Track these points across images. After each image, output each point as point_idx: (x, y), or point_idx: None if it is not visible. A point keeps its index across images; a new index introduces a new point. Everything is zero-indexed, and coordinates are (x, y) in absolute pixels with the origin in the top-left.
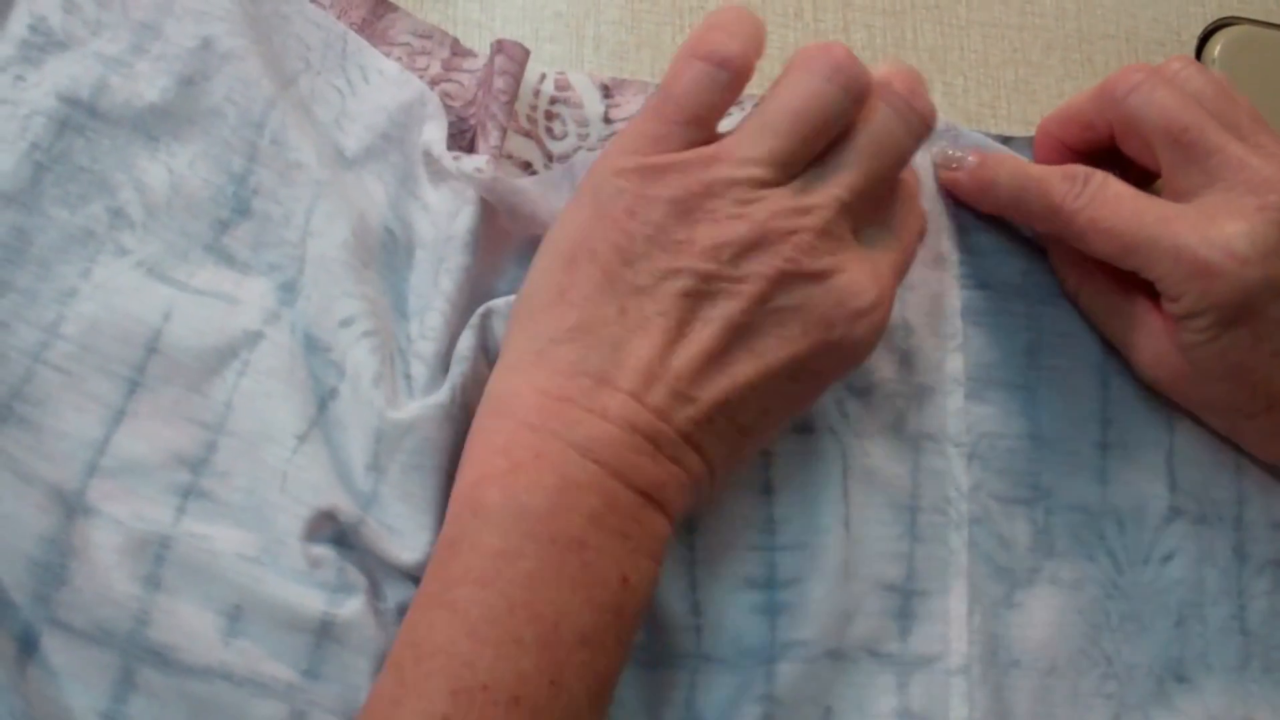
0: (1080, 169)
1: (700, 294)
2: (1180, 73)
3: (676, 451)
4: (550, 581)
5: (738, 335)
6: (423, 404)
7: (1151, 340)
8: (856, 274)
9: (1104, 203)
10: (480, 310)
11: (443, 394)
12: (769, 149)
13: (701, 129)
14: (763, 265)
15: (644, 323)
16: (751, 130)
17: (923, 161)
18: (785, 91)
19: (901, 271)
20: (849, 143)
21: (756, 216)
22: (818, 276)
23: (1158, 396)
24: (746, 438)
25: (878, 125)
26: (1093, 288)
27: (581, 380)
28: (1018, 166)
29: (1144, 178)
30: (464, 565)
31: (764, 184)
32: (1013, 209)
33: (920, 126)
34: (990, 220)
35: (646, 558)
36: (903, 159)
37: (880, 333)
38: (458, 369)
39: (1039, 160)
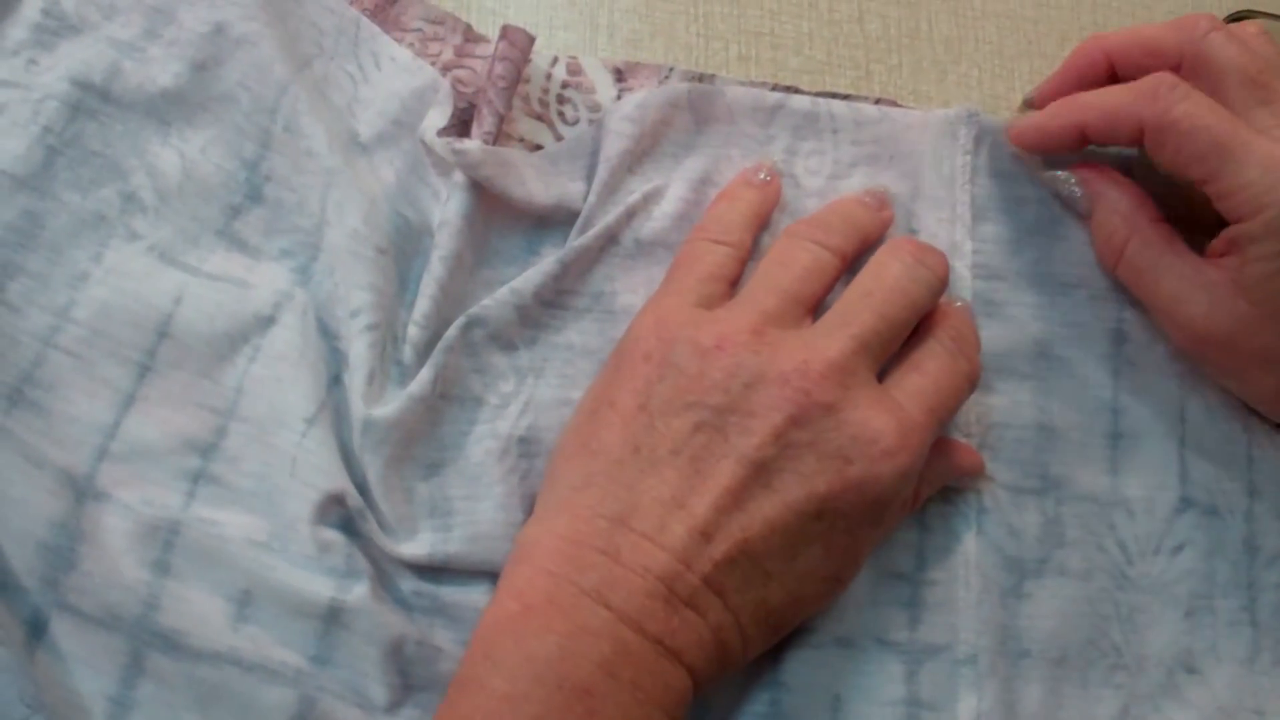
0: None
1: (713, 428)
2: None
3: (695, 596)
4: None
5: (755, 472)
6: (402, 398)
7: (1206, 293)
8: (871, 410)
9: (1199, 101)
10: (459, 322)
11: (417, 385)
12: (777, 297)
13: (718, 284)
14: (773, 396)
15: (657, 461)
16: (758, 285)
17: (948, 153)
18: (781, 256)
19: (938, 413)
20: (860, 288)
21: (767, 351)
22: (829, 409)
23: (1169, 388)
24: (773, 584)
25: (889, 276)
26: (1141, 241)
27: (598, 523)
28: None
29: None
30: (471, 705)
31: (776, 324)
32: (1102, 115)
33: (931, 279)
34: (1003, 211)
35: (658, 710)
36: (916, 306)
37: (907, 473)
38: (437, 360)
39: (1071, 66)
